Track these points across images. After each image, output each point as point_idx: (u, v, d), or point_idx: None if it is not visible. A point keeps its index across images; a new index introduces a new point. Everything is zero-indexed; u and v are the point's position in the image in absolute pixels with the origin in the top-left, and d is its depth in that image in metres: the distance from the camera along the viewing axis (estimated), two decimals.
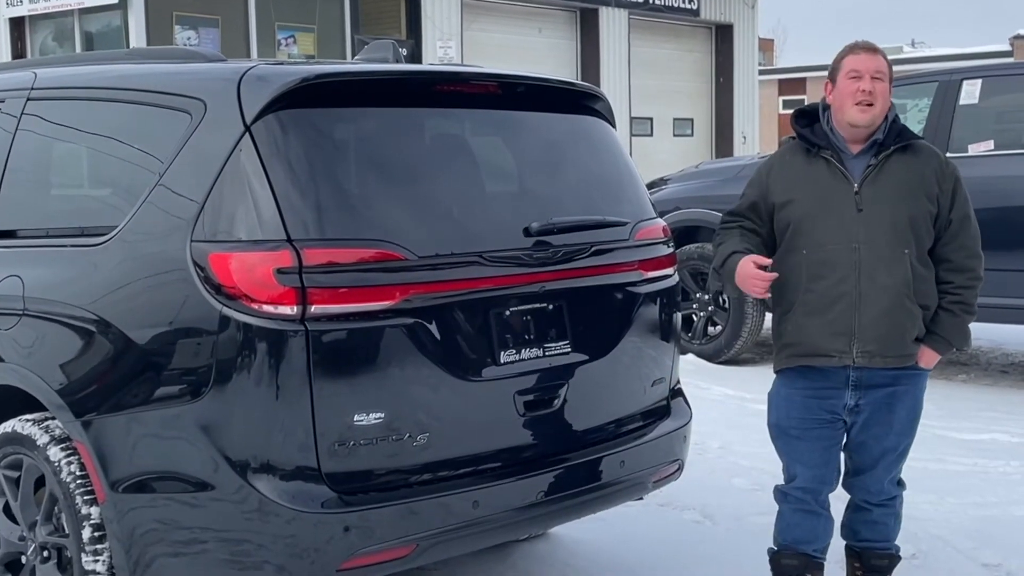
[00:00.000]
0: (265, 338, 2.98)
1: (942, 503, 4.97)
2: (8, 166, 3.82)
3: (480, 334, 3.31)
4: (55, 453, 3.35)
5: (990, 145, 7.33)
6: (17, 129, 3.83)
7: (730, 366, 8.09)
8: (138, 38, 14.85)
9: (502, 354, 3.35)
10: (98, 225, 3.41)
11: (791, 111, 3.84)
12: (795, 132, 3.61)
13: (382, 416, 3.08)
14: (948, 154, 7.10)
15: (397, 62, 4.02)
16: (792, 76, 38.68)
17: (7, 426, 3.52)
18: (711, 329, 8.36)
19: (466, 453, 3.30)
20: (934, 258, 3.52)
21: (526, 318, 3.43)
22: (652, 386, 3.88)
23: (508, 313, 3.38)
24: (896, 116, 3.56)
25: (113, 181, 3.63)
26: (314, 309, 2.99)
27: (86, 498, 3.28)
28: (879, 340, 3.44)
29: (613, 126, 4.04)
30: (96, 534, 3.27)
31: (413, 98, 3.51)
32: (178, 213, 3.16)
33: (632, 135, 20.38)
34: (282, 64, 3.79)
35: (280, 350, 2.98)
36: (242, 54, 15.49)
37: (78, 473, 3.30)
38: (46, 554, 3.46)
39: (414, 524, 3.13)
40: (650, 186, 7.65)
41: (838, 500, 3.74)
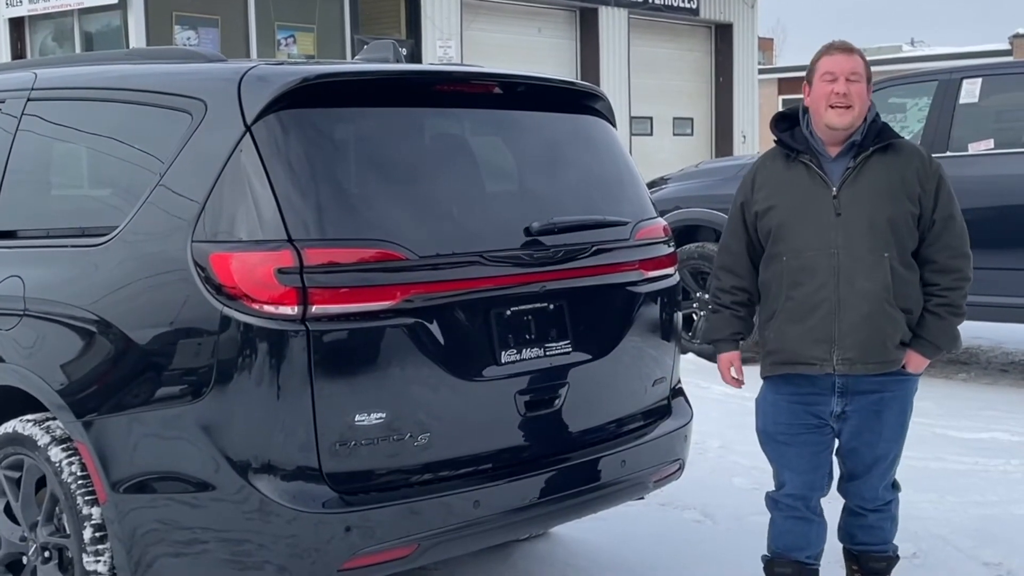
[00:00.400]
0: (266, 338, 2.98)
1: (942, 502, 4.97)
2: (8, 167, 3.82)
3: (481, 334, 3.31)
4: (56, 453, 3.35)
5: (990, 144, 7.33)
6: (17, 129, 3.83)
7: None
8: (138, 38, 14.84)
9: (503, 354, 3.35)
10: (99, 225, 3.41)
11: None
12: (774, 137, 3.56)
13: (383, 416, 3.08)
14: (948, 153, 7.19)
15: (397, 62, 4.02)
16: (792, 75, 38.54)
17: (8, 427, 3.52)
18: None
19: (467, 453, 3.30)
20: (919, 260, 3.45)
21: (527, 318, 3.43)
22: (653, 386, 3.88)
23: (509, 313, 3.38)
24: (876, 116, 3.48)
25: (114, 181, 3.62)
26: (315, 309, 2.99)
27: (87, 498, 3.28)
28: (859, 347, 3.38)
29: (613, 125, 4.04)
30: (97, 534, 3.27)
31: (413, 98, 3.51)
32: (179, 213, 3.16)
33: (632, 134, 20.36)
34: (282, 64, 3.79)
35: (281, 350, 2.98)
36: (242, 54, 15.48)
37: (79, 473, 3.30)
38: (47, 555, 3.46)
39: (415, 524, 3.13)
40: (650, 185, 7.64)
41: (834, 501, 3.72)
